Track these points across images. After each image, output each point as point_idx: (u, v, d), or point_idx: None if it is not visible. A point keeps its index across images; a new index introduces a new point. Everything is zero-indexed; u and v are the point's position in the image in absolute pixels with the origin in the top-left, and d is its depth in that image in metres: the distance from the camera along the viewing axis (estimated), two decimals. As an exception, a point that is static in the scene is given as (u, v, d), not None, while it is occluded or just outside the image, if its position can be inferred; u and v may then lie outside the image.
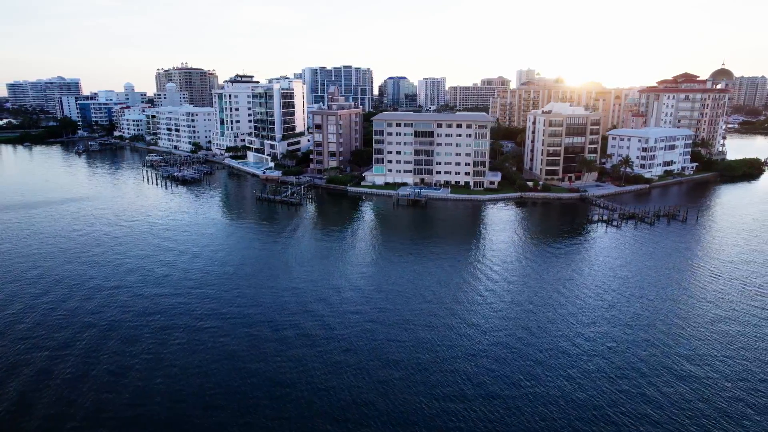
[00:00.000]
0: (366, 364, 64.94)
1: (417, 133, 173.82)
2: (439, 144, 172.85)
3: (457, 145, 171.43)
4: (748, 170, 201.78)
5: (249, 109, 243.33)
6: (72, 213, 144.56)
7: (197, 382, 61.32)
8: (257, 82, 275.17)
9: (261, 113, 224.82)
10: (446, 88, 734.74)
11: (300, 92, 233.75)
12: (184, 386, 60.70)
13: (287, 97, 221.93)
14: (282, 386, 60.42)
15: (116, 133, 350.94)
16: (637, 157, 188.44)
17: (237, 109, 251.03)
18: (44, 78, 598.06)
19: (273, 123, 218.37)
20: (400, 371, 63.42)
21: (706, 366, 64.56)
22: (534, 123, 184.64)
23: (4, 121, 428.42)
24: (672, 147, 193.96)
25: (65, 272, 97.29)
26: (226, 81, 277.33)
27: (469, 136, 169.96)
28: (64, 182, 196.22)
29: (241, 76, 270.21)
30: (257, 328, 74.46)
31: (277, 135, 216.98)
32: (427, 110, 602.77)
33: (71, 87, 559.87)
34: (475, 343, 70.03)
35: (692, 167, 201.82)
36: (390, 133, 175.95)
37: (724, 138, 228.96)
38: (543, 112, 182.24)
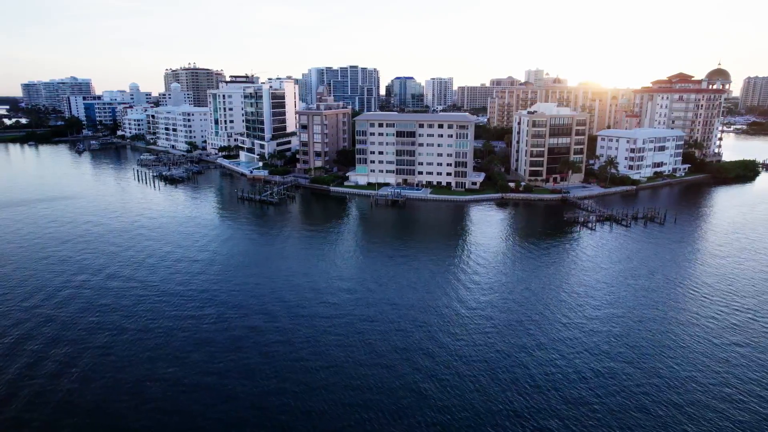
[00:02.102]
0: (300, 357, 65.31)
1: (399, 134, 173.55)
2: (420, 144, 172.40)
3: (438, 145, 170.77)
4: (741, 172, 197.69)
5: (242, 109, 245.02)
6: (46, 210, 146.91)
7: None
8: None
9: (252, 113, 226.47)
10: (454, 88, 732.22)
11: (291, 93, 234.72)
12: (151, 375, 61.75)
13: (278, 97, 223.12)
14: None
15: (119, 133, 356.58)
16: (626, 158, 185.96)
17: (231, 109, 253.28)
18: (58, 78, 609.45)
19: (263, 123, 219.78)
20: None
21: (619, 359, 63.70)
22: (519, 123, 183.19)
23: (13, 120, 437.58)
24: (662, 148, 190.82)
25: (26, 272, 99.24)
26: (221, 81, 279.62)
27: (450, 136, 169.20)
28: (55, 180, 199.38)
29: (236, 77, 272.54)
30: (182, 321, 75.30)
31: (267, 135, 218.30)
32: (434, 110, 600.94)
33: (82, 87, 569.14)
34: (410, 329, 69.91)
35: (684, 169, 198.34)
36: (372, 134, 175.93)
37: (720, 139, 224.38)
38: (528, 112, 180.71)
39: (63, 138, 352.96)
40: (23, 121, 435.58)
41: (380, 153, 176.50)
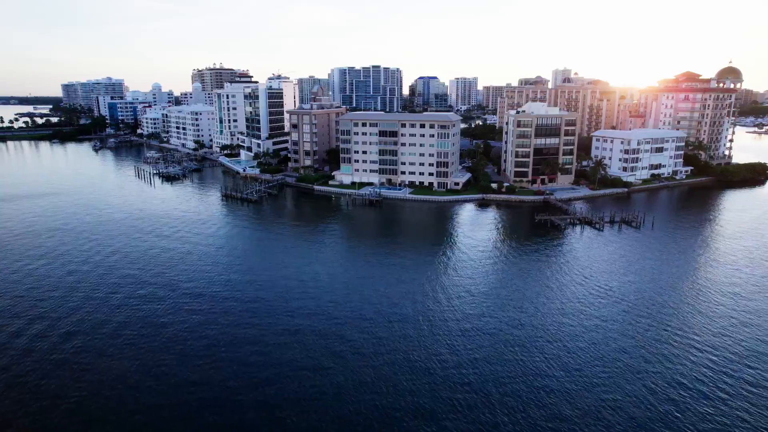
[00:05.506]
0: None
1: (381, 133, 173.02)
2: (403, 144, 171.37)
3: (420, 145, 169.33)
4: (748, 175, 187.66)
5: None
6: (25, 208, 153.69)
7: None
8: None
9: (250, 112, 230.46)
10: (479, 88, 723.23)
11: (291, 92, 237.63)
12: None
13: (275, 96, 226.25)
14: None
15: (138, 131, 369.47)
16: (620, 160, 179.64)
17: (234, 109, 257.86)
18: (94, 79, 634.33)
19: (260, 122, 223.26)
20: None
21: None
22: (507, 123, 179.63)
23: (44, 119, 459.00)
24: (660, 149, 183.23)
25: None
26: (226, 81, 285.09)
27: (432, 136, 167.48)
28: (57, 177, 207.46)
29: (241, 76, 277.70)
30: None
31: (263, 134, 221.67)
32: (457, 111, 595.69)
33: (115, 87, 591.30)
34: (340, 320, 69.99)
35: (685, 171, 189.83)
36: (356, 133, 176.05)
37: (730, 141, 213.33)
38: (516, 111, 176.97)
39: (87, 136, 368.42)
40: (53, 120, 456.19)
41: (364, 152, 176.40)
